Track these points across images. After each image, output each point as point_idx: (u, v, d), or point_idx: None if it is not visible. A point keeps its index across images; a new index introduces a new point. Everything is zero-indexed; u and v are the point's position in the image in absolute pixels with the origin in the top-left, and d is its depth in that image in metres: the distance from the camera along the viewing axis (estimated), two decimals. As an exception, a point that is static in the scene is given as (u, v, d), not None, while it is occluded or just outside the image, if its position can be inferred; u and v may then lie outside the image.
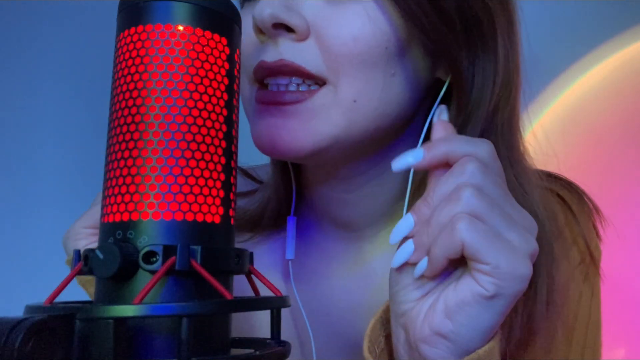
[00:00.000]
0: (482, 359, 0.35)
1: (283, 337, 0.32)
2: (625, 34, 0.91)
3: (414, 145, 0.50)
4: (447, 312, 0.36)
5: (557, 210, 0.52)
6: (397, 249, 0.39)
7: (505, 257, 0.34)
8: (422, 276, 0.38)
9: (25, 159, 1.03)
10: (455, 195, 0.35)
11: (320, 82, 0.43)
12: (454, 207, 0.35)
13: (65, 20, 1.02)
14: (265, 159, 0.63)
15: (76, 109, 1.02)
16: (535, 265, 0.46)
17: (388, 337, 0.42)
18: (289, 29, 0.42)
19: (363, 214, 0.53)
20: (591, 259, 0.52)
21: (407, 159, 0.39)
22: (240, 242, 0.56)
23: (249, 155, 0.61)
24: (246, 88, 0.47)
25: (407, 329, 0.38)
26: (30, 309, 0.28)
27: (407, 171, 0.50)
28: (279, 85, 0.44)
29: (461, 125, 0.47)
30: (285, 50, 0.42)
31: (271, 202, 0.56)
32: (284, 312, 0.56)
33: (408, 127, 0.50)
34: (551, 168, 0.55)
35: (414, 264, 0.38)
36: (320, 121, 0.43)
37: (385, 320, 0.42)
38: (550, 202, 0.52)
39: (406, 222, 0.38)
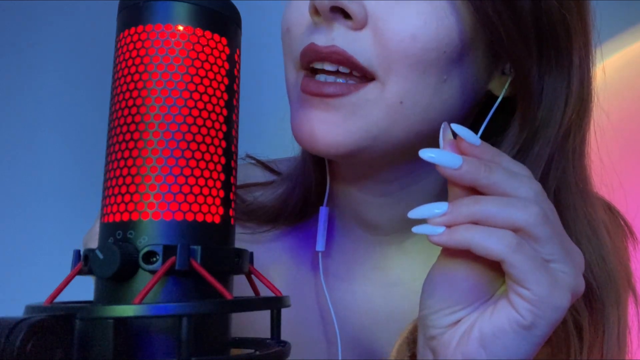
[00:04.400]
0: None
1: (310, 334, 0.32)
2: (625, 34, 0.91)
3: None
4: (482, 341, 0.34)
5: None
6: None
7: (546, 286, 0.33)
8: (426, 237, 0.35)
9: (25, 159, 1.02)
10: (521, 202, 0.33)
11: (368, 76, 0.41)
12: (517, 212, 0.33)
13: (66, 20, 1.02)
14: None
15: (76, 109, 1.02)
16: (603, 306, 0.44)
17: (413, 357, 0.41)
18: (346, 15, 0.41)
19: (391, 219, 0.51)
20: (627, 282, 0.51)
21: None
22: (261, 232, 0.54)
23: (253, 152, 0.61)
24: (292, 72, 0.45)
25: (436, 353, 0.37)
26: (30, 309, 0.28)
27: (443, 182, 0.47)
28: (326, 74, 0.42)
29: (526, 145, 0.45)
30: (339, 37, 0.41)
31: (295, 193, 0.54)
32: (312, 309, 0.55)
33: None
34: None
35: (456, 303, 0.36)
36: (361, 118, 0.41)
37: (412, 341, 0.41)
38: (616, 236, 0.50)
39: (440, 205, 0.35)
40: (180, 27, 0.30)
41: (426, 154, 0.35)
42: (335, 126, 0.42)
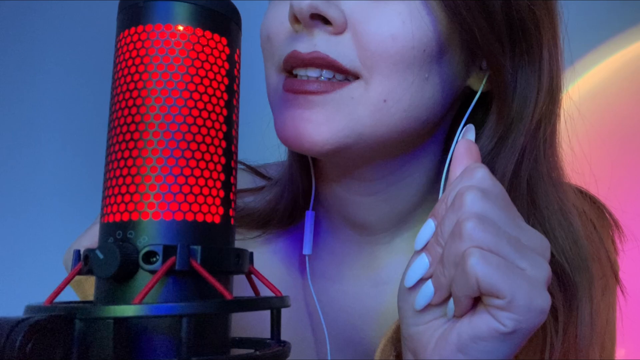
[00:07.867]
0: None
1: (300, 336, 0.32)
2: (625, 34, 0.91)
3: (437, 154, 0.50)
4: (460, 346, 0.34)
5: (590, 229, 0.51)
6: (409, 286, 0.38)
7: (520, 289, 0.32)
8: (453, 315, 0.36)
9: (25, 159, 1.02)
10: (458, 230, 0.34)
11: (352, 77, 0.42)
12: (460, 243, 0.33)
13: (66, 20, 1.02)
14: (264, 160, 0.63)
15: (76, 109, 1.02)
16: (576, 288, 0.45)
17: (399, 356, 0.41)
18: (326, 21, 0.41)
19: (379, 218, 0.51)
20: (613, 274, 0.51)
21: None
22: (252, 238, 0.55)
23: (250, 156, 0.61)
24: (273, 76, 0.45)
25: (416, 355, 0.37)
26: (30, 309, 0.28)
27: (429, 179, 0.50)
28: (309, 76, 0.42)
29: (502, 138, 0.46)
30: (320, 42, 0.41)
31: (284, 198, 0.54)
32: (301, 311, 0.55)
33: (433, 134, 0.48)
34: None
35: (437, 305, 0.36)
36: (346, 116, 0.42)
37: (396, 340, 0.42)
38: (586, 222, 0.50)
39: (421, 263, 0.37)
40: (180, 27, 0.30)
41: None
42: (319, 124, 0.41)
